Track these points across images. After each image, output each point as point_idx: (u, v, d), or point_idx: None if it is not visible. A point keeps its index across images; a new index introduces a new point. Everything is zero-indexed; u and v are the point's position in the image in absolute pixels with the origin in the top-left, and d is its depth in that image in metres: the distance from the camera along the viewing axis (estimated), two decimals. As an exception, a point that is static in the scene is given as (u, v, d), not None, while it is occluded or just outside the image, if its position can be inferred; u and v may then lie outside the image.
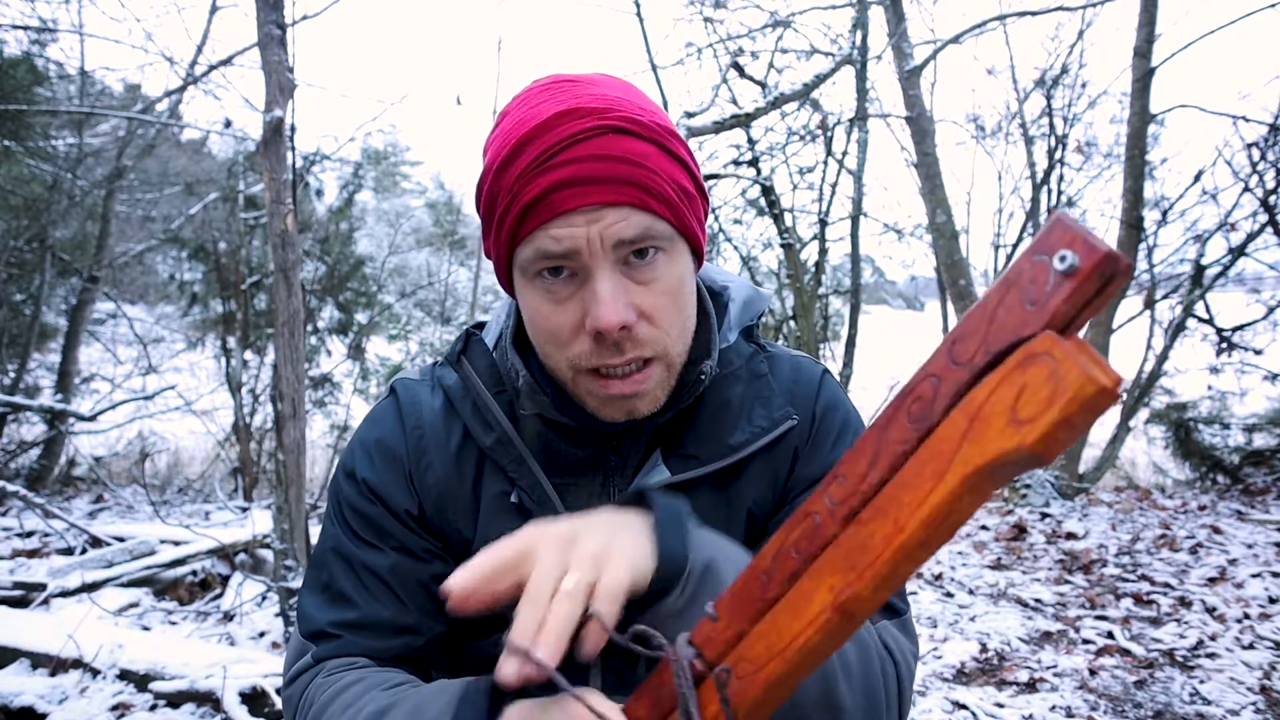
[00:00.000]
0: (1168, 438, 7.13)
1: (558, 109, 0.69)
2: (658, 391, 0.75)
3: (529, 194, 0.68)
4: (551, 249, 0.69)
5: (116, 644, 2.71)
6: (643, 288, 0.71)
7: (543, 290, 0.72)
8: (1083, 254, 0.36)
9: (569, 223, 0.68)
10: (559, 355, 0.74)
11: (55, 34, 6.93)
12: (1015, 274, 0.38)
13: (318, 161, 7.38)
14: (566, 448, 0.81)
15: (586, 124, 0.68)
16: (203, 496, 7.00)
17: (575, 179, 0.67)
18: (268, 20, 3.43)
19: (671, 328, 0.74)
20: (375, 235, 11.47)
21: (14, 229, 6.72)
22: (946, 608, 3.60)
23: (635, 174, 0.69)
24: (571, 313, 0.71)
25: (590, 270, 0.69)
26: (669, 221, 0.71)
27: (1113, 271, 0.36)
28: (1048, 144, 8.18)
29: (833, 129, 5.93)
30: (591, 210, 0.68)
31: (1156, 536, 4.68)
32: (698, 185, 0.76)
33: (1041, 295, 0.37)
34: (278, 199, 3.38)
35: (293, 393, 3.38)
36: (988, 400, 0.38)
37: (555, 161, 0.68)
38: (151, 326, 9.14)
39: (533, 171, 0.68)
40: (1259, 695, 2.61)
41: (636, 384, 0.73)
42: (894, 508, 0.41)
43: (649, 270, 0.71)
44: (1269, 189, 6.07)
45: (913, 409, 0.41)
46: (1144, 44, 6.09)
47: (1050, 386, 0.36)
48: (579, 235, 0.68)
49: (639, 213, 0.69)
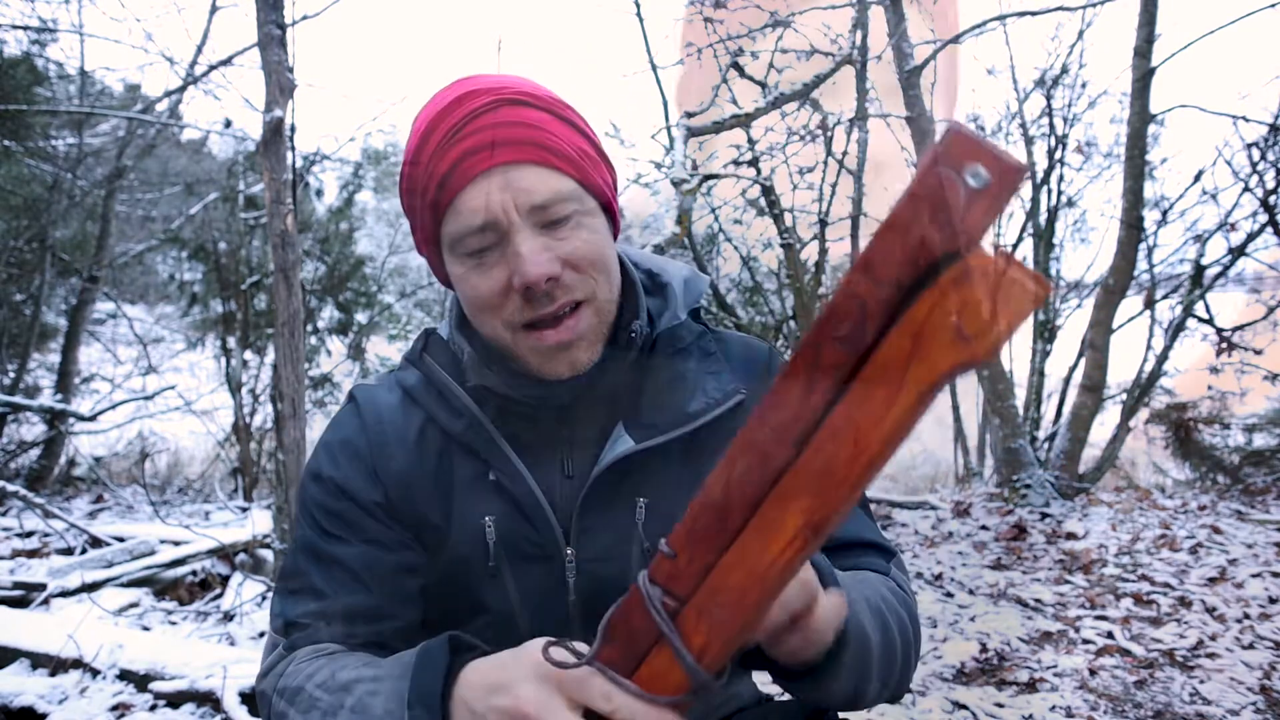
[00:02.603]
0: (1168, 438, 7.14)
1: (456, 94, 0.75)
2: (592, 337, 0.79)
3: (443, 167, 0.73)
4: (472, 222, 0.74)
5: (116, 644, 2.71)
6: (562, 242, 0.76)
7: (472, 264, 0.76)
8: (994, 171, 0.37)
9: (483, 189, 0.73)
10: (494, 320, 0.77)
11: (55, 34, 6.93)
12: (924, 190, 0.38)
13: (318, 161, 7.38)
14: (523, 428, 0.84)
15: (484, 99, 0.74)
16: (203, 496, 7.00)
17: (481, 145, 0.73)
18: (268, 20, 3.43)
19: (596, 272, 0.78)
20: (375, 235, 11.45)
21: (14, 229, 6.72)
22: (946, 608, 3.60)
23: (535, 135, 0.74)
24: (499, 276, 0.75)
25: (510, 234, 0.74)
26: (575, 179, 0.76)
27: (1021, 182, 0.37)
28: (1048, 144, 8.17)
29: (833, 129, 5.93)
30: (501, 172, 0.73)
31: (1156, 536, 4.68)
32: (599, 151, 0.81)
33: (958, 212, 0.38)
34: (278, 199, 3.38)
35: (293, 393, 3.38)
36: (928, 318, 0.39)
37: (462, 134, 0.73)
38: (151, 326, 9.14)
39: (443, 147, 0.74)
40: (1259, 695, 2.61)
41: (570, 329, 0.76)
42: (850, 429, 0.42)
43: (567, 230, 0.76)
44: (1269, 189, 6.07)
45: (840, 331, 0.42)
46: (1144, 44, 6.09)
47: (990, 301, 0.37)
48: (494, 202, 0.73)
49: (544, 171, 0.74)
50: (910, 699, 2.67)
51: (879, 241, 0.40)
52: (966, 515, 5.73)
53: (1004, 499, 6.13)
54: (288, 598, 0.84)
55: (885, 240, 0.40)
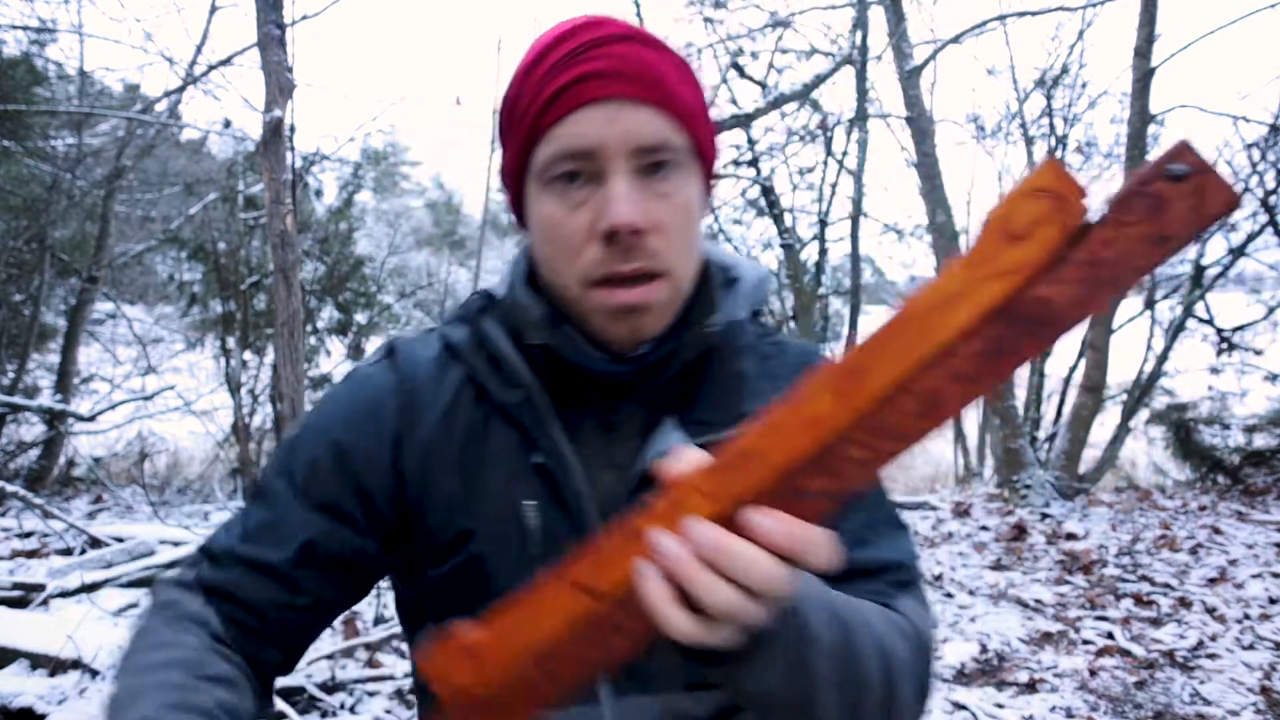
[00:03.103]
0: (1168, 438, 7.14)
1: (584, 22, 0.71)
2: (663, 311, 0.74)
3: (554, 85, 0.69)
4: (571, 145, 0.69)
5: (116, 645, 2.71)
6: (657, 200, 0.70)
7: (557, 197, 0.71)
8: (1197, 167, 0.42)
9: (591, 118, 0.68)
10: (569, 268, 0.72)
11: (55, 34, 6.94)
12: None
13: (317, 161, 7.38)
14: (573, 409, 0.78)
15: (613, 31, 0.70)
16: (202, 497, 7.00)
17: (601, 72, 0.68)
18: (267, 20, 3.43)
19: (681, 245, 0.73)
20: (375, 235, 11.45)
21: (13, 229, 6.72)
22: (946, 608, 3.60)
23: (659, 78, 0.70)
24: (585, 217, 0.70)
25: (606, 173, 0.69)
26: (686, 134, 0.72)
27: (1223, 203, 0.42)
28: (1048, 144, 8.18)
29: (833, 129, 5.93)
30: (614, 106, 0.68)
31: (1156, 537, 4.68)
32: (712, 122, 0.77)
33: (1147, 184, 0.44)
34: (277, 199, 3.38)
35: (292, 393, 3.38)
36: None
37: (583, 58, 0.68)
38: (151, 327, 9.14)
39: (560, 66, 0.69)
40: (1259, 696, 2.61)
41: (644, 294, 0.71)
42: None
43: (664, 184, 0.71)
44: (1269, 189, 6.07)
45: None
46: (1144, 44, 6.09)
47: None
48: (601, 132, 0.68)
49: (659, 116, 0.69)
50: (910, 699, 2.67)
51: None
52: (966, 515, 5.73)
53: (1004, 499, 6.13)
54: (233, 526, 0.79)
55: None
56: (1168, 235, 0.42)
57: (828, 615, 0.63)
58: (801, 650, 0.60)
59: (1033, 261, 0.44)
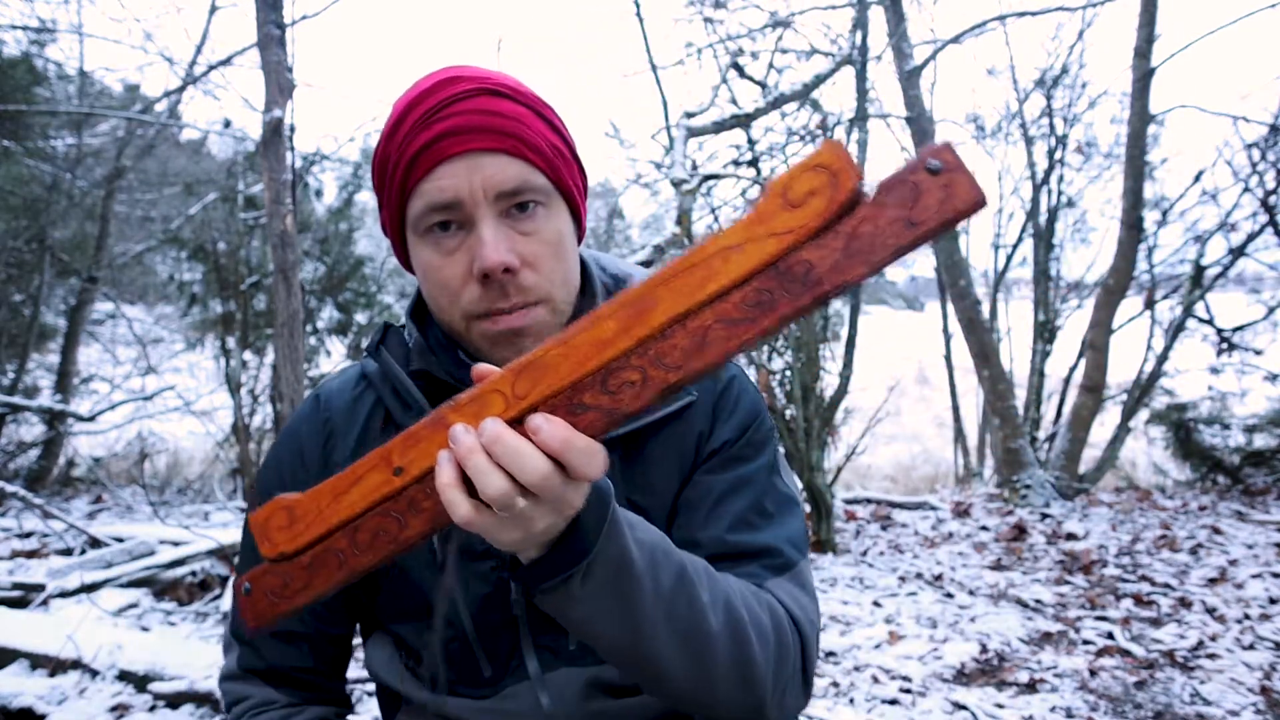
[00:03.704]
0: (1168, 438, 7.13)
1: (440, 79, 0.77)
2: (544, 333, 0.79)
3: (415, 146, 0.75)
4: (437, 199, 0.75)
5: (116, 645, 2.71)
6: (524, 237, 0.77)
7: (433, 245, 0.77)
8: (950, 165, 0.47)
9: (452, 172, 0.74)
10: (452, 307, 0.78)
11: (55, 34, 6.93)
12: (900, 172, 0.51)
13: (317, 161, 7.38)
14: None
15: (466, 86, 0.75)
16: (202, 497, 7.00)
17: (456, 129, 0.74)
18: (267, 20, 3.43)
19: (554, 275, 0.79)
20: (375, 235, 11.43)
21: (13, 229, 6.71)
22: (946, 608, 3.60)
23: (511, 126, 0.75)
24: (460, 262, 0.76)
25: (474, 219, 0.75)
26: (545, 173, 0.77)
27: (965, 203, 0.46)
28: (1048, 144, 8.18)
29: (833, 129, 5.92)
30: (472, 158, 0.74)
31: (1157, 537, 4.68)
32: (573, 152, 0.82)
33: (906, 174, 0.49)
34: (277, 199, 3.38)
35: (292, 393, 3.38)
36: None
37: (439, 116, 0.74)
38: (151, 327, 9.14)
39: (418, 127, 0.75)
40: (1259, 696, 2.61)
41: (522, 317, 0.77)
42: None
43: (529, 222, 0.77)
44: (1269, 189, 6.07)
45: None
46: (1144, 44, 6.09)
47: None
48: (462, 184, 0.74)
49: (516, 161, 0.75)
50: (910, 699, 2.67)
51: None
52: (966, 515, 5.73)
53: (1004, 499, 6.13)
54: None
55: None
56: (917, 221, 0.47)
57: (654, 557, 0.68)
58: (621, 583, 0.64)
59: (803, 226, 0.49)
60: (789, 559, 0.83)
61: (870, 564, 4.45)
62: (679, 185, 4.26)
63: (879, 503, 6.23)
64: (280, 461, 0.91)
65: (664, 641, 0.68)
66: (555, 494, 0.55)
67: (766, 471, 0.88)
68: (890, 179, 0.48)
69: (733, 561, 0.81)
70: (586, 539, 0.62)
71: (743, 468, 0.86)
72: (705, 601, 0.70)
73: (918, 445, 11.84)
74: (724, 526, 0.83)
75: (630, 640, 0.67)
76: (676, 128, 4.71)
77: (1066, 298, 8.23)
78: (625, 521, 0.66)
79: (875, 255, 0.47)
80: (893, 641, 3.18)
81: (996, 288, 9.73)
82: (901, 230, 0.47)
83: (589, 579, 0.63)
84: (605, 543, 0.63)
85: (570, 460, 0.54)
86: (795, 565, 0.84)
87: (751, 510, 0.84)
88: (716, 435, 0.87)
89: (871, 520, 5.68)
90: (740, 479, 0.86)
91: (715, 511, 0.84)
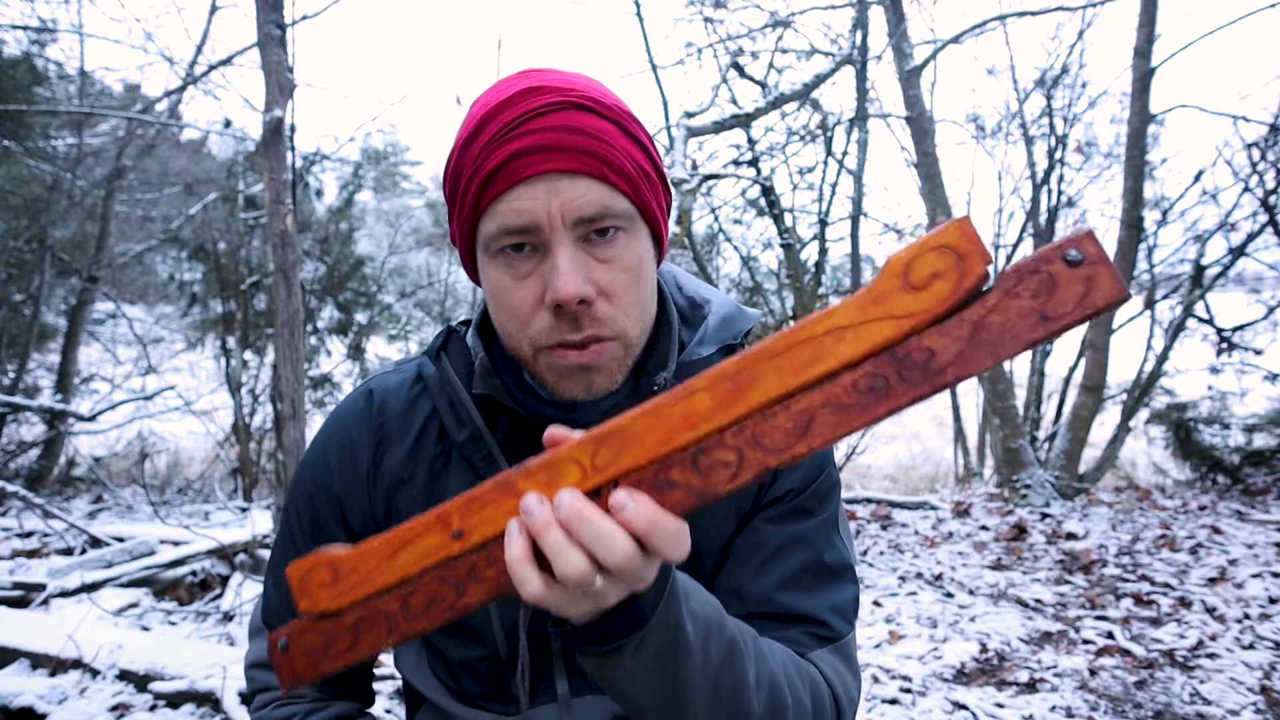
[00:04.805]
0: (1168, 438, 7.13)
1: (522, 87, 0.71)
2: (614, 369, 0.75)
3: (492, 163, 0.69)
4: (513, 222, 0.70)
5: (116, 644, 2.71)
6: (603, 265, 0.71)
7: (504, 266, 0.72)
8: (1091, 257, 0.44)
9: (530, 194, 0.69)
10: (520, 334, 0.74)
11: (55, 34, 6.93)
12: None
13: (318, 161, 7.38)
14: (527, 449, 0.81)
15: (549, 99, 0.70)
16: (202, 497, 7.00)
17: (536, 147, 0.68)
18: (268, 20, 3.43)
19: (630, 308, 0.74)
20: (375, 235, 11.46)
21: (14, 229, 6.72)
22: (946, 608, 3.60)
23: (595, 146, 0.70)
24: (532, 288, 0.71)
25: (550, 245, 0.70)
26: (628, 197, 0.72)
27: (1104, 297, 0.44)
28: (1048, 144, 8.18)
29: (833, 129, 5.92)
30: (552, 179, 0.69)
31: (1156, 537, 4.68)
32: (658, 171, 0.77)
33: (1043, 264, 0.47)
34: (278, 199, 3.38)
35: (293, 393, 3.38)
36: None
37: (518, 132, 0.69)
38: (151, 326, 9.14)
39: (496, 142, 0.69)
40: (1259, 695, 2.61)
41: (594, 355, 0.72)
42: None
43: (609, 248, 0.72)
44: (1269, 189, 6.07)
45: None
46: (1144, 44, 6.09)
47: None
48: (539, 207, 0.69)
49: (598, 185, 0.70)
50: (910, 699, 2.67)
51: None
52: (966, 515, 5.73)
53: (1004, 499, 6.13)
54: (270, 585, 0.90)
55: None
56: (1051, 316, 0.44)
57: (709, 630, 0.64)
58: (671, 657, 0.61)
59: (925, 310, 0.46)
60: (836, 631, 0.80)
61: (870, 564, 4.45)
62: (679, 185, 4.26)
63: (879, 502, 6.23)
64: (329, 461, 0.87)
65: (701, 716, 0.65)
66: (635, 574, 0.52)
67: (826, 528, 0.84)
68: (1024, 265, 0.45)
69: (778, 623, 0.78)
70: (644, 611, 0.59)
71: (802, 522, 0.83)
72: (751, 682, 0.67)
73: (918, 445, 11.84)
74: (774, 583, 0.80)
75: (668, 714, 0.64)
76: (676, 127, 4.71)
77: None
78: (683, 592, 0.63)
79: (1004, 349, 0.45)
80: (893, 641, 3.18)
81: (996, 287, 9.72)
82: (1034, 325, 0.44)
83: (640, 652, 0.60)
84: (663, 615, 0.60)
85: (656, 543, 0.50)
86: (842, 638, 0.81)
87: (805, 570, 0.81)
88: (780, 483, 0.83)
89: (871, 520, 5.68)
90: (798, 535, 0.82)
91: (768, 565, 0.81)
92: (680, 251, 6.30)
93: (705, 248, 6.96)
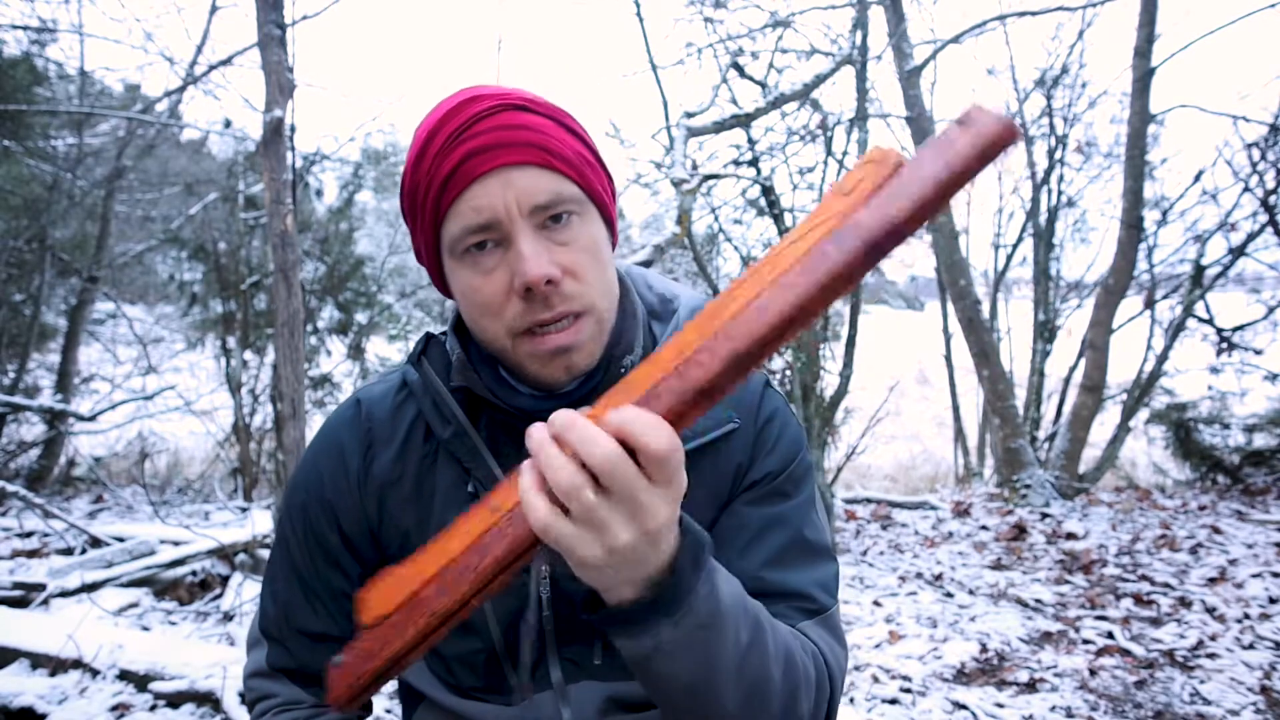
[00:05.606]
0: (1168, 438, 7.13)
1: (462, 99, 0.77)
2: (592, 346, 0.79)
3: (445, 167, 0.74)
4: (473, 220, 0.74)
5: (116, 644, 2.71)
6: (562, 248, 0.76)
7: (471, 265, 0.77)
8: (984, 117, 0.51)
9: (485, 190, 0.74)
10: (495, 325, 0.78)
11: (55, 34, 6.93)
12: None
13: (318, 161, 7.38)
14: (509, 440, 0.85)
15: (489, 103, 0.75)
16: (202, 497, 7.00)
17: (485, 146, 0.74)
18: (268, 20, 3.43)
19: (596, 282, 0.78)
20: (375, 235, 11.44)
21: (14, 229, 6.72)
22: (946, 608, 3.60)
23: (538, 139, 0.75)
24: (500, 279, 0.76)
25: (511, 235, 0.75)
26: (576, 182, 0.77)
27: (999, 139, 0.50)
28: (1048, 144, 8.18)
29: (833, 129, 5.92)
30: (504, 173, 0.74)
31: (1156, 536, 4.68)
32: (598, 157, 0.82)
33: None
34: (278, 199, 3.38)
35: (293, 393, 3.39)
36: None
37: (465, 135, 0.74)
38: (151, 326, 9.13)
39: (446, 149, 0.75)
40: (1259, 695, 2.61)
41: (571, 334, 0.77)
42: None
43: (565, 231, 0.77)
44: (1269, 189, 6.07)
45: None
46: (1144, 44, 6.09)
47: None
48: (496, 202, 0.74)
49: (547, 174, 0.75)
50: (910, 699, 2.67)
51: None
52: (966, 515, 5.73)
53: (1004, 499, 6.13)
54: (268, 594, 0.92)
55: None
56: (953, 161, 0.49)
57: (743, 605, 0.68)
58: (709, 632, 0.64)
59: (855, 205, 0.53)
60: (822, 604, 0.84)
61: (870, 563, 4.45)
62: (679, 185, 4.26)
63: (879, 502, 6.23)
64: (320, 469, 0.90)
65: (731, 691, 0.67)
66: (626, 485, 0.53)
67: (804, 508, 0.88)
68: (924, 143, 0.51)
69: (766, 599, 0.81)
70: (684, 585, 0.60)
71: (782, 503, 0.86)
72: (772, 653, 0.70)
73: (918, 445, 11.84)
74: (759, 562, 0.83)
75: (701, 687, 0.66)
76: (676, 127, 4.71)
77: (1066, 297, 8.24)
78: (716, 565, 0.65)
79: (915, 190, 0.50)
80: (893, 641, 3.18)
81: (996, 287, 9.73)
82: (940, 170, 0.49)
83: (679, 627, 0.61)
84: (703, 589, 0.62)
85: (635, 435, 0.52)
86: (828, 610, 0.84)
87: (788, 548, 0.84)
88: (759, 466, 0.87)
89: (871, 520, 5.68)
90: (779, 515, 0.86)
91: (752, 545, 0.84)
92: (680, 251, 6.30)
93: (705, 248, 6.95)
